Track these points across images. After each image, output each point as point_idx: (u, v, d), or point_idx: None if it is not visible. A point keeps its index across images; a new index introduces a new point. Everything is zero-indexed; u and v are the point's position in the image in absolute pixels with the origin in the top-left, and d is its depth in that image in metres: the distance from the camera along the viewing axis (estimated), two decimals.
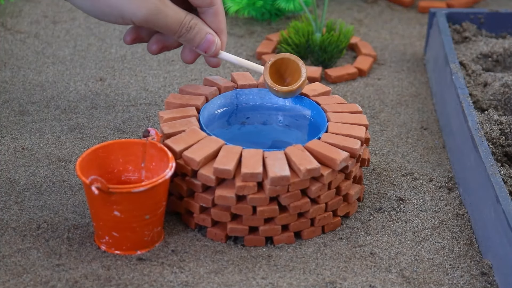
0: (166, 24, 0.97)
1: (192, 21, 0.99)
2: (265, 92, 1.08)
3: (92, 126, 1.17)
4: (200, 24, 1.00)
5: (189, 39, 1.00)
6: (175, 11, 0.98)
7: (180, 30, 0.99)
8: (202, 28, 1.00)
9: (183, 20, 0.98)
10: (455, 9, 1.37)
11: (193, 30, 0.99)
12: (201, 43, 1.01)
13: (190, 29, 0.99)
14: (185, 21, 0.98)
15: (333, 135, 1.00)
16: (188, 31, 0.99)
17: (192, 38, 1.00)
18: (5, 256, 0.94)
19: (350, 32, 1.35)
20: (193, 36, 1.00)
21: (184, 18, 0.98)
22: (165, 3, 0.97)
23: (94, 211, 0.93)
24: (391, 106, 1.25)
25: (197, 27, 0.99)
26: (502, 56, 1.28)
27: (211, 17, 1.01)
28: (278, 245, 0.98)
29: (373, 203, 1.05)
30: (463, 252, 0.98)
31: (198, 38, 1.00)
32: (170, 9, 0.97)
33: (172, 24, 0.98)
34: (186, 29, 0.99)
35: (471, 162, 1.03)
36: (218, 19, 1.00)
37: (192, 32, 0.99)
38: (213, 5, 0.99)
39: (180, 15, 0.98)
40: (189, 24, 0.99)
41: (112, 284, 0.91)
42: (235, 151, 0.96)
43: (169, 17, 0.97)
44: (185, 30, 0.99)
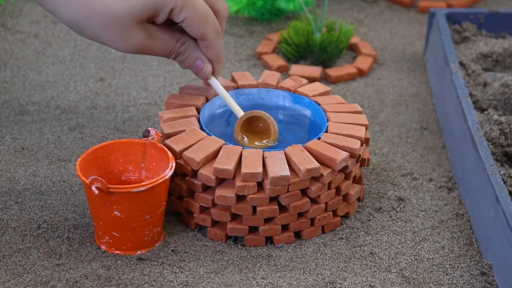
0: (155, 54, 0.98)
1: (182, 47, 0.99)
2: (265, 92, 1.08)
3: (92, 126, 1.17)
4: (192, 49, 1.00)
5: (180, 62, 1.00)
6: (164, 41, 0.98)
7: (170, 56, 0.99)
8: (192, 54, 1.00)
9: (171, 49, 0.98)
10: (455, 9, 1.37)
11: (182, 55, 0.99)
12: (192, 67, 1.01)
13: (179, 54, 0.99)
14: (175, 48, 0.98)
15: (333, 135, 1.00)
16: (178, 56, 0.99)
17: (182, 61, 1.00)
18: (5, 256, 0.94)
19: (350, 32, 1.35)
20: (183, 60, 1.00)
21: (173, 47, 0.98)
22: (152, 37, 0.96)
23: (94, 211, 0.93)
24: (391, 106, 1.25)
25: (187, 53, 0.99)
26: (502, 56, 1.28)
27: (203, 48, 1.00)
28: (278, 245, 0.98)
29: (373, 203, 1.05)
30: (463, 252, 0.98)
31: (188, 63, 1.00)
32: (157, 42, 0.97)
33: (161, 54, 0.98)
34: (175, 55, 0.99)
35: (471, 162, 1.03)
36: (210, 51, 0.99)
37: (182, 57, 0.99)
38: (205, 40, 0.98)
39: (169, 45, 0.98)
40: (179, 50, 0.99)
41: (112, 284, 0.91)
42: (235, 151, 0.96)
43: (157, 49, 0.97)
44: (174, 56, 0.99)
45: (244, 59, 1.35)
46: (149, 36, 0.96)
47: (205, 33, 0.97)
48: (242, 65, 1.33)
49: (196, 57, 1.00)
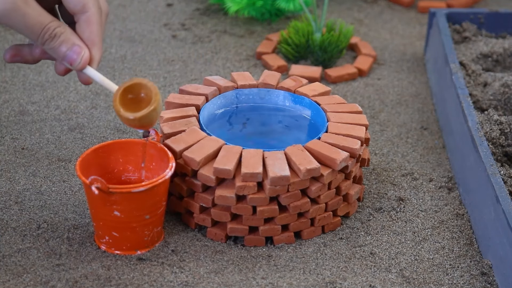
0: (25, 25, 0.86)
1: (58, 29, 0.87)
2: (265, 92, 1.08)
3: (92, 126, 1.17)
4: (68, 33, 0.88)
5: (53, 47, 0.88)
6: (38, 12, 0.86)
7: (43, 35, 0.87)
8: (69, 38, 0.88)
9: (46, 24, 0.87)
10: (455, 9, 1.37)
11: (58, 38, 0.87)
12: (67, 54, 0.88)
13: (54, 36, 0.87)
14: (49, 26, 0.87)
15: (333, 135, 1.00)
16: (52, 39, 0.87)
17: (56, 46, 0.88)
18: (5, 256, 0.94)
19: (350, 32, 1.35)
20: (58, 45, 0.88)
21: (48, 23, 0.87)
22: (27, 2, 0.85)
23: (94, 211, 0.93)
24: (391, 106, 1.25)
25: (63, 36, 0.88)
26: (502, 56, 1.28)
27: (83, 25, 0.89)
28: (278, 245, 0.98)
29: (373, 203, 1.05)
30: (463, 252, 0.98)
31: (64, 48, 0.88)
32: (31, 10, 0.85)
33: (32, 27, 0.86)
34: (49, 36, 0.87)
35: (471, 162, 1.03)
36: (90, 28, 0.89)
37: (57, 40, 0.88)
38: (86, 11, 0.88)
39: (44, 18, 0.86)
40: (54, 31, 0.87)
41: (112, 284, 0.91)
42: (235, 151, 0.96)
43: (29, 17, 0.85)
44: (48, 36, 0.87)
45: (244, 59, 1.35)
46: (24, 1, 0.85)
47: (87, 1, 0.88)
48: (242, 65, 1.33)
49: (73, 42, 0.88)
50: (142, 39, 1.39)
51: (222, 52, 1.37)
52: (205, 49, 1.37)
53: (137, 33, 1.41)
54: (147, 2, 1.52)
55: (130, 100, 0.90)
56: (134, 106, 0.90)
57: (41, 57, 0.93)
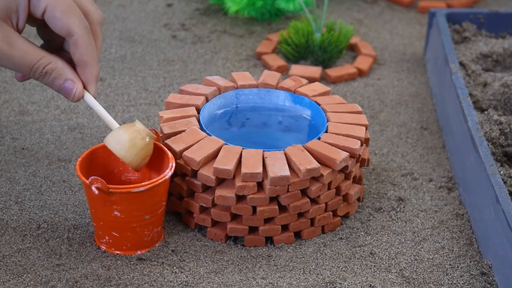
0: (14, 66, 0.87)
1: (49, 66, 0.88)
2: (265, 92, 1.08)
3: (92, 126, 1.17)
4: (60, 69, 0.89)
5: (47, 83, 0.90)
6: (25, 53, 0.87)
7: (33, 73, 0.88)
8: (61, 74, 0.89)
9: (34, 64, 0.87)
10: (455, 9, 1.37)
11: (49, 76, 0.89)
12: (61, 89, 0.90)
13: (45, 74, 0.88)
14: (38, 65, 0.88)
15: (333, 135, 1.00)
16: (44, 76, 0.89)
17: (50, 83, 0.89)
18: (5, 256, 0.94)
19: (350, 32, 1.35)
20: (51, 82, 0.89)
21: (36, 62, 0.87)
22: (11, 45, 0.86)
23: (94, 211, 0.93)
24: (391, 106, 1.25)
25: (54, 73, 0.89)
26: (502, 56, 1.28)
27: (72, 48, 0.89)
28: (278, 245, 0.98)
29: (373, 203, 1.05)
30: (463, 252, 0.98)
31: (57, 84, 0.89)
32: (17, 51, 0.86)
33: (20, 67, 0.87)
34: (39, 74, 0.88)
35: (471, 162, 1.03)
36: (79, 50, 0.88)
37: (49, 78, 0.89)
38: (71, 35, 0.88)
39: (31, 58, 0.87)
40: (44, 69, 0.88)
41: (112, 284, 0.91)
42: (235, 151, 0.96)
43: (15, 59, 0.86)
44: (38, 75, 0.88)
45: (244, 59, 1.35)
46: (6, 41, 0.86)
47: (71, 25, 0.87)
48: (242, 65, 1.33)
49: (65, 78, 0.89)
50: (142, 39, 1.39)
51: (222, 52, 1.37)
52: (205, 49, 1.37)
53: (137, 33, 1.41)
54: (147, 2, 1.52)
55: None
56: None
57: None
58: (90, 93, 0.92)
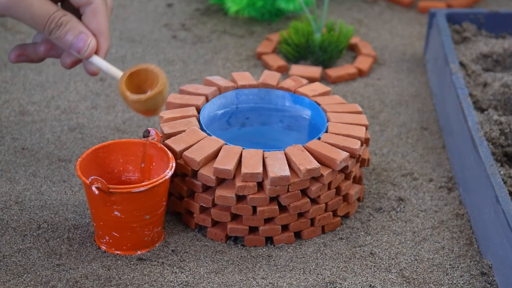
0: (31, 15, 0.87)
1: (64, 17, 0.88)
2: (265, 92, 1.08)
3: (92, 126, 1.17)
4: (74, 22, 0.89)
5: (60, 36, 0.88)
6: (43, 2, 0.87)
7: (49, 24, 0.88)
8: (75, 26, 0.89)
9: (52, 13, 0.87)
10: (455, 9, 1.37)
11: (64, 27, 0.88)
12: (73, 42, 0.89)
13: (60, 25, 0.88)
14: (55, 15, 0.87)
15: (333, 135, 1.00)
16: (59, 27, 0.88)
17: (63, 35, 0.88)
18: (6, 256, 0.94)
19: (350, 32, 1.35)
20: (64, 34, 0.88)
21: (54, 12, 0.87)
22: None
23: (94, 211, 0.93)
24: (391, 106, 1.25)
25: (69, 24, 0.88)
26: (502, 56, 1.28)
27: (89, 17, 0.90)
28: (278, 245, 0.98)
29: (373, 203, 1.05)
30: (463, 252, 0.98)
31: (70, 36, 0.88)
32: (36, 0, 0.86)
33: (39, 16, 0.87)
34: (55, 25, 0.88)
35: (471, 162, 1.03)
36: (96, 19, 0.89)
37: (63, 29, 0.88)
38: (91, 2, 0.89)
39: (49, 8, 0.87)
40: (60, 20, 0.88)
41: (112, 284, 0.91)
42: (235, 151, 0.96)
43: (35, 7, 0.86)
44: (54, 25, 0.88)
45: (244, 59, 1.35)
46: None
47: None
48: (242, 65, 1.33)
49: (79, 30, 0.89)
50: (142, 39, 1.39)
51: (222, 52, 1.37)
52: (205, 49, 1.37)
53: (137, 33, 1.41)
54: (147, 2, 1.52)
55: (137, 85, 0.89)
56: (140, 92, 0.89)
57: (46, 55, 0.93)
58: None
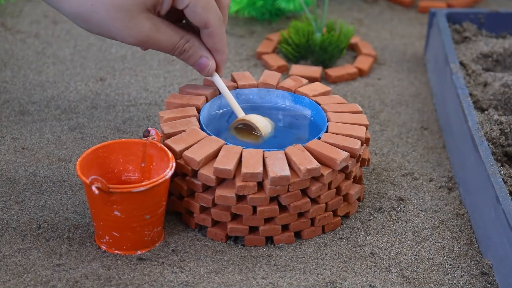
0: (159, 48, 0.98)
1: (187, 44, 1.00)
2: (265, 92, 1.08)
3: (92, 126, 1.17)
4: (196, 46, 1.01)
5: (184, 59, 1.01)
6: (169, 35, 0.98)
7: (174, 52, 0.99)
8: (196, 51, 1.01)
9: (176, 44, 0.99)
10: (455, 9, 1.37)
11: (187, 53, 1.00)
12: (195, 64, 1.01)
13: (184, 51, 1.00)
14: (179, 44, 0.99)
15: (333, 135, 1.00)
16: (182, 53, 1.00)
17: (186, 59, 1.01)
18: (6, 256, 0.94)
19: (350, 32, 1.35)
20: (187, 58, 1.01)
21: (177, 42, 0.99)
22: (158, 29, 0.97)
23: (94, 211, 0.93)
24: (391, 106, 1.25)
25: (191, 50, 1.00)
26: (502, 56, 1.28)
27: (206, 38, 1.00)
28: (278, 245, 0.98)
29: (373, 203, 1.05)
30: (463, 252, 0.98)
31: (192, 60, 1.01)
32: (162, 35, 0.97)
33: (165, 48, 0.99)
34: (179, 52, 1.00)
35: (471, 162, 1.03)
36: (213, 40, 1.00)
37: (186, 54, 1.00)
38: (208, 27, 0.99)
39: (174, 40, 0.99)
40: (183, 47, 0.99)
41: (112, 284, 0.91)
42: (235, 151, 0.96)
43: (162, 42, 0.98)
44: (178, 53, 1.00)
45: (244, 59, 1.35)
46: (154, 28, 0.96)
47: (209, 19, 0.98)
48: (243, 65, 1.33)
49: (200, 55, 1.01)
50: None
51: None
52: None
53: None
54: None
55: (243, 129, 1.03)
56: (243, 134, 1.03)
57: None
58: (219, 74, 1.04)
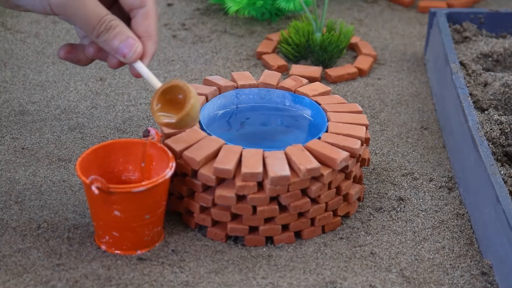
0: (84, 16, 0.89)
1: (114, 21, 0.90)
2: (265, 92, 1.08)
3: (92, 126, 1.17)
4: (123, 26, 0.91)
5: (107, 39, 0.90)
6: (96, 4, 0.89)
7: (99, 27, 0.90)
8: (123, 31, 0.91)
9: (103, 16, 0.89)
10: (455, 9, 1.37)
11: (113, 30, 0.90)
12: (119, 47, 0.91)
13: (110, 28, 0.90)
14: (106, 18, 0.90)
15: (333, 135, 1.00)
16: (108, 31, 0.90)
17: (111, 39, 0.90)
18: (5, 256, 0.94)
19: (350, 32, 1.35)
20: (112, 37, 0.90)
21: (105, 15, 0.89)
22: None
23: (94, 211, 0.93)
24: (391, 106, 1.25)
25: (118, 28, 0.90)
26: (502, 56, 1.28)
27: (140, 19, 0.92)
28: (278, 245, 0.98)
29: (373, 203, 1.05)
30: (463, 252, 0.98)
31: (118, 40, 0.91)
32: (91, 2, 0.89)
33: (90, 17, 0.89)
34: (105, 27, 0.90)
35: (471, 162, 1.03)
36: (147, 21, 0.93)
37: (112, 32, 0.90)
38: (144, 5, 0.92)
39: (101, 10, 0.89)
40: (110, 23, 0.90)
41: (112, 284, 0.91)
42: (235, 150, 0.96)
43: (88, 7, 0.88)
44: (103, 28, 0.90)
45: (244, 59, 1.35)
46: None
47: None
48: (242, 65, 1.33)
49: (127, 35, 0.91)
50: None
51: (222, 52, 1.37)
52: (205, 49, 1.37)
53: None
54: None
55: (169, 100, 0.93)
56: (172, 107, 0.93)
57: (94, 57, 0.95)
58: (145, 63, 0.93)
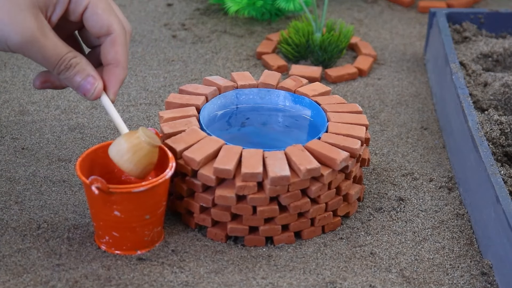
0: (42, 56, 0.88)
1: (74, 60, 0.89)
2: (265, 92, 1.08)
3: (92, 126, 1.17)
4: (84, 64, 0.90)
5: (68, 77, 0.90)
6: (56, 44, 0.88)
7: (59, 66, 0.89)
8: (84, 69, 0.90)
9: (63, 55, 0.89)
10: (455, 9, 1.37)
11: (73, 69, 0.90)
12: (80, 84, 0.91)
13: (70, 67, 0.89)
14: (66, 57, 0.89)
15: (333, 135, 1.00)
16: (68, 69, 0.89)
17: (71, 77, 0.90)
18: (5, 256, 0.94)
19: (350, 32, 1.35)
20: (73, 75, 0.90)
21: (65, 54, 0.89)
22: (45, 35, 0.87)
23: (94, 211, 0.93)
24: (391, 106, 1.25)
25: (78, 66, 0.90)
26: (502, 56, 1.28)
27: (108, 46, 0.91)
28: (278, 245, 0.98)
29: (373, 203, 1.05)
30: (463, 252, 0.98)
31: (78, 78, 0.90)
32: (49, 42, 0.87)
33: (49, 58, 0.88)
34: (65, 66, 0.89)
35: (471, 162, 1.03)
36: (115, 48, 0.91)
37: (72, 71, 0.90)
38: (111, 33, 0.90)
39: (61, 51, 0.88)
40: (70, 61, 0.89)
41: (112, 284, 0.91)
42: (235, 151, 0.96)
43: (46, 49, 0.87)
44: (63, 67, 0.89)
45: (244, 59, 1.35)
46: (41, 30, 0.86)
47: (111, 22, 0.90)
48: (242, 65, 1.33)
49: (88, 73, 0.90)
50: (142, 39, 1.39)
51: (222, 52, 1.37)
52: (205, 49, 1.37)
53: (137, 33, 1.41)
54: (147, 2, 1.52)
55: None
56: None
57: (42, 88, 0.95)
58: (110, 95, 0.92)
